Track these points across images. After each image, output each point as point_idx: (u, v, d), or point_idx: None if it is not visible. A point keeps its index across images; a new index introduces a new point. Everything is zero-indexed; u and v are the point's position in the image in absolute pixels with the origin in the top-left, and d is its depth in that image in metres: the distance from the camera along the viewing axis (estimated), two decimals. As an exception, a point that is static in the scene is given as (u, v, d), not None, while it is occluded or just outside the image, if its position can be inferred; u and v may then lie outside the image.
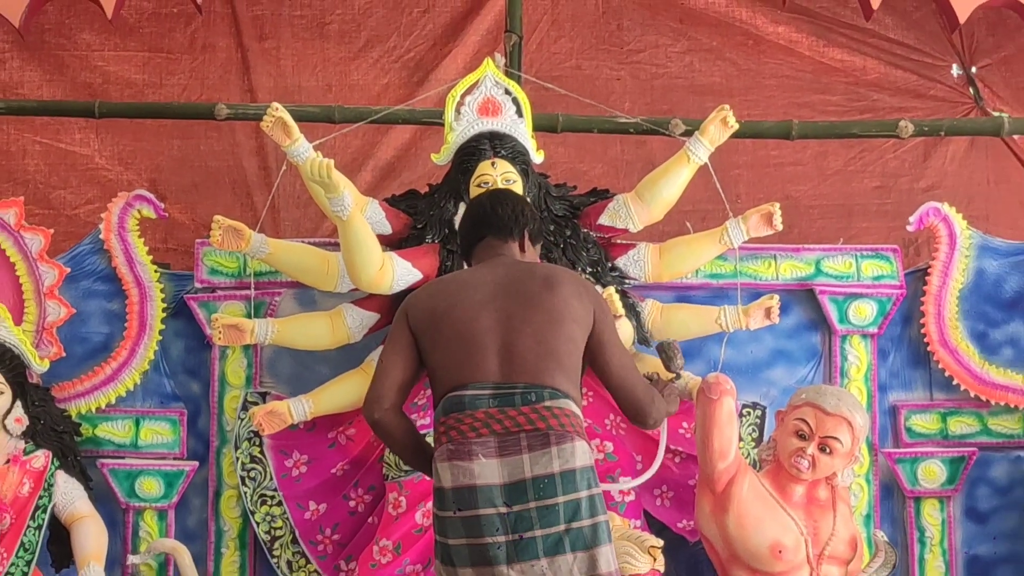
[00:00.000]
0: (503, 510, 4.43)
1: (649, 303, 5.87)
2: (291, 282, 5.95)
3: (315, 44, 6.84)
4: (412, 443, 4.74)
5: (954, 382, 6.07)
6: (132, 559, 5.81)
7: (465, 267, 5.08)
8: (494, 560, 4.41)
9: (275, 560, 5.81)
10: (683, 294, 6.02)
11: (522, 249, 4.85)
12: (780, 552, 5.33)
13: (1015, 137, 6.69)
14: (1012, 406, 6.06)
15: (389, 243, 5.76)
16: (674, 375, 5.20)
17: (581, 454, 4.47)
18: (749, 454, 5.70)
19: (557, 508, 4.43)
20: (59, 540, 5.70)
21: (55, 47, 6.77)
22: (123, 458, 5.93)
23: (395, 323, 4.74)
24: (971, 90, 6.89)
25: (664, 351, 5.23)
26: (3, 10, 6.35)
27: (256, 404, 5.82)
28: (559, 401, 4.49)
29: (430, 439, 4.94)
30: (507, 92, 5.80)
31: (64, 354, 5.96)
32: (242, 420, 5.86)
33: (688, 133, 5.93)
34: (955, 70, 6.90)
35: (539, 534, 4.42)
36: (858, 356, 6.07)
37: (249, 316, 5.88)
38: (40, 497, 5.60)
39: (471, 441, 4.46)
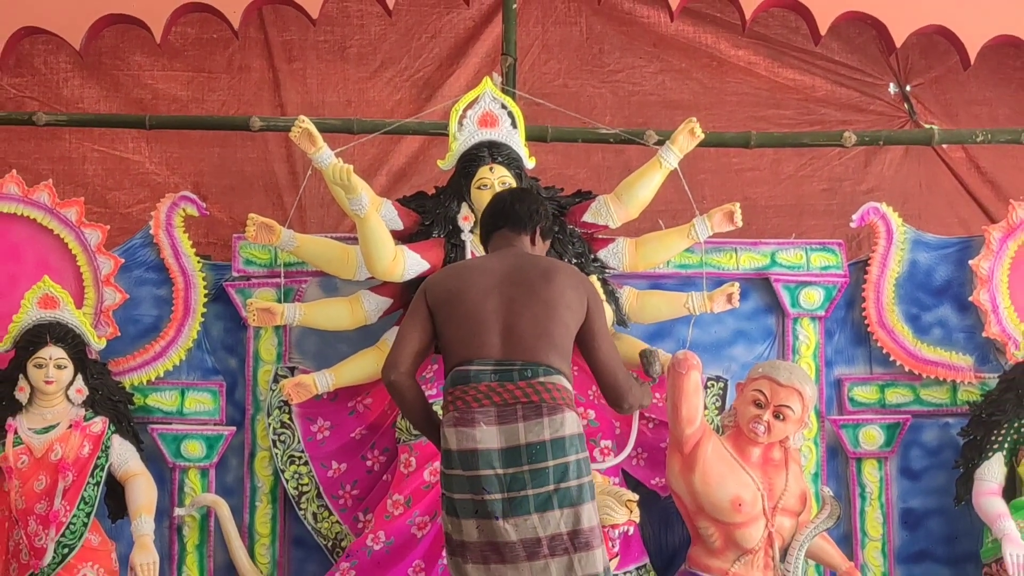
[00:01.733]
0: (500, 472, 4.45)
1: (626, 290, 5.88)
2: (316, 271, 5.93)
3: (337, 66, 6.82)
4: (420, 406, 4.73)
5: (891, 358, 6.07)
6: (178, 511, 5.85)
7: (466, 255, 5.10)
8: (492, 514, 4.43)
9: (302, 512, 5.79)
10: (656, 282, 6.00)
11: (532, 243, 4.86)
12: (740, 505, 5.33)
13: (944, 147, 6.71)
14: (941, 379, 6.06)
15: (401, 237, 5.75)
16: (651, 379, 5.22)
17: (570, 423, 4.49)
18: (713, 420, 5.69)
19: (547, 471, 4.44)
20: (115, 495, 5.68)
21: (111, 68, 6.76)
22: (170, 424, 5.92)
23: (415, 299, 4.74)
24: (906, 106, 6.88)
25: (645, 358, 5.25)
26: (66, 36, 6.34)
27: (285, 377, 5.80)
28: (552, 377, 4.51)
29: (437, 408, 4.97)
30: (503, 107, 5.78)
31: (119, 334, 5.95)
32: (273, 391, 5.84)
33: (660, 142, 5.92)
34: (892, 88, 6.90)
35: (531, 493, 4.44)
36: (808, 336, 6.07)
37: (279, 301, 5.86)
38: (98, 457, 5.59)
39: (474, 410, 4.48)
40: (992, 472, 5.77)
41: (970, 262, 6.13)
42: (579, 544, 4.45)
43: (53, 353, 5.61)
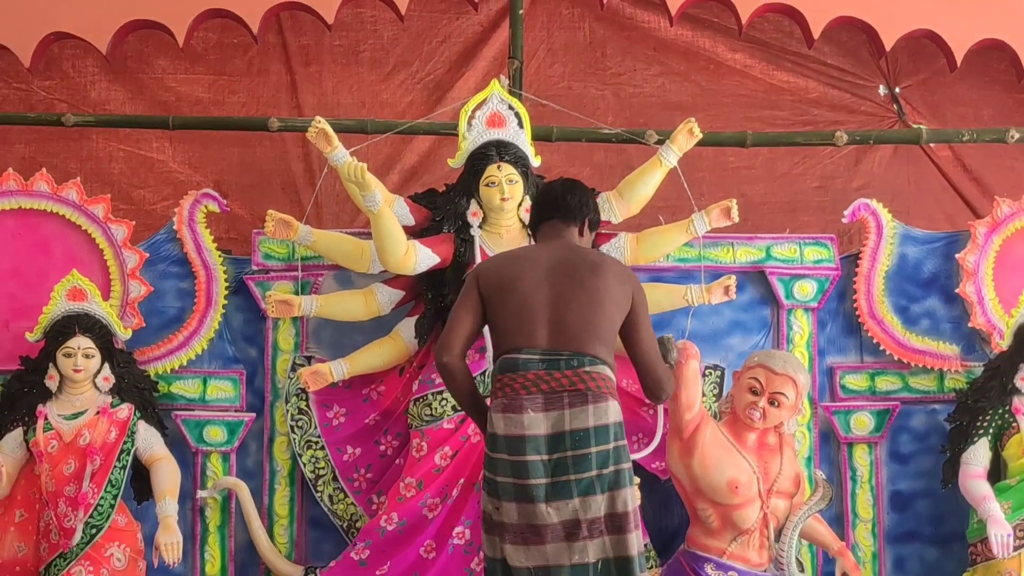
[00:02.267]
0: (545, 457, 4.45)
1: None
2: (332, 265, 5.94)
3: (351, 69, 6.81)
4: (469, 388, 4.73)
5: (880, 348, 6.06)
6: (201, 494, 5.86)
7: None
8: (535, 498, 4.43)
9: (319, 495, 5.80)
10: (656, 275, 5.98)
11: (580, 234, 4.85)
12: (736, 487, 5.32)
13: (931, 145, 6.69)
14: (929, 367, 6.05)
15: (412, 233, 5.74)
16: (668, 365, 5.22)
17: (613, 412, 4.50)
18: (711, 407, 5.68)
19: (590, 457, 4.44)
20: (140, 478, 5.69)
21: (136, 71, 6.75)
22: (193, 410, 5.92)
23: (467, 285, 4.75)
24: (895, 106, 6.86)
25: (663, 345, 5.24)
26: (94, 41, 6.34)
27: (303, 366, 5.82)
28: (597, 367, 4.51)
29: (436, 399, 5.13)
30: (510, 108, 5.79)
31: (144, 324, 5.95)
32: (291, 379, 5.85)
33: (660, 142, 5.93)
34: (882, 89, 6.88)
35: (573, 478, 4.44)
36: (801, 326, 6.06)
37: (297, 293, 5.87)
38: (124, 442, 5.60)
39: (522, 397, 4.48)
40: (977, 456, 5.77)
41: (957, 256, 6.12)
42: (616, 527, 4.46)
43: (81, 343, 5.62)
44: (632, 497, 4.51)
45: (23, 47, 6.34)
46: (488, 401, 4.64)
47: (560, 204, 4.85)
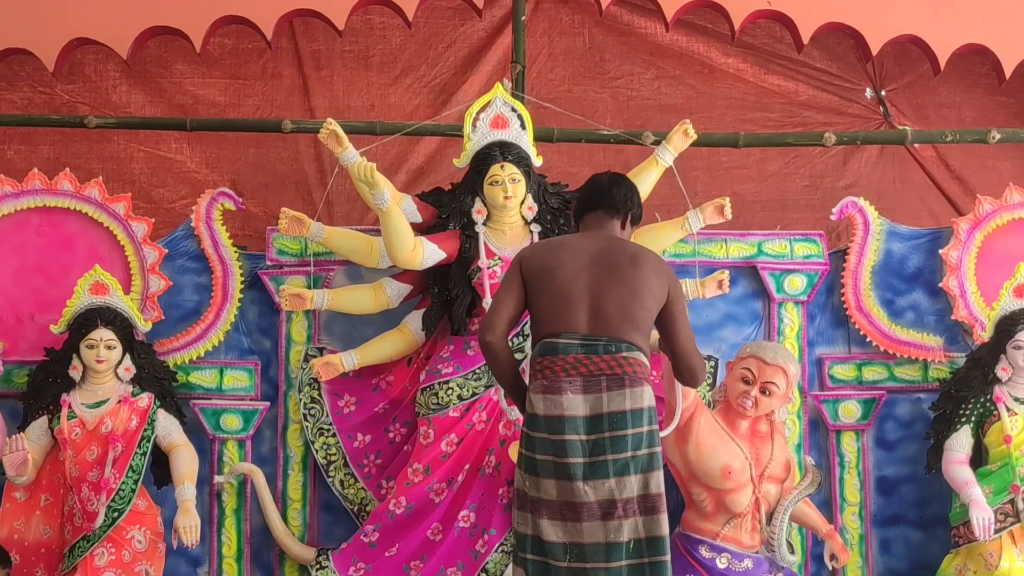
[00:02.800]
0: (584, 438, 4.46)
1: None
2: (342, 260, 5.93)
3: (361, 73, 6.80)
4: (511, 368, 4.74)
5: (867, 339, 6.07)
6: (218, 479, 5.86)
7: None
8: (573, 477, 4.44)
9: (330, 480, 5.79)
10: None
11: (622, 227, 4.87)
12: (729, 473, 5.35)
13: (916, 146, 6.70)
14: (913, 358, 6.05)
15: (420, 229, 5.74)
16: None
17: (648, 397, 4.52)
18: (705, 396, 5.67)
19: (626, 438, 4.45)
20: (160, 464, 5.69)
21: (155, 75, 6.74)
22: (210, 399, 5.92)
23: (511, 270, 4.75)
24: (881, 108, 6.86)
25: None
26: (114, 46, 6.36)
27: (315, 357, 5.81)
28: (634, 353, 4.53)
29: (442, 388, 5.11)
30: (513, 110, 5.78)
31: (163, 317, 5.95)
32: (304, 369, 5.85)
33: (656, 142, 5.94)
34: (868, 93, 6.88)
35: (611, 459, 4.45)
36: (791, 319, 6.06)
37: (309, 287, 5.86)
38: (145, 430, 5.59)
39: (561, 380, 4.49)
40: (960, 443, 5.77)
41: (940, 251, 6.13)
42: (648, 508, 4.47)
43: (103, 335, 5.62)
44: (661, 479, 4.52)
45: (47, 52, 6.35)
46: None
47: (606, 197, 4.86)
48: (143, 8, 6.37)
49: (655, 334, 5.17)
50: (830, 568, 5.83)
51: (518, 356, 5.50)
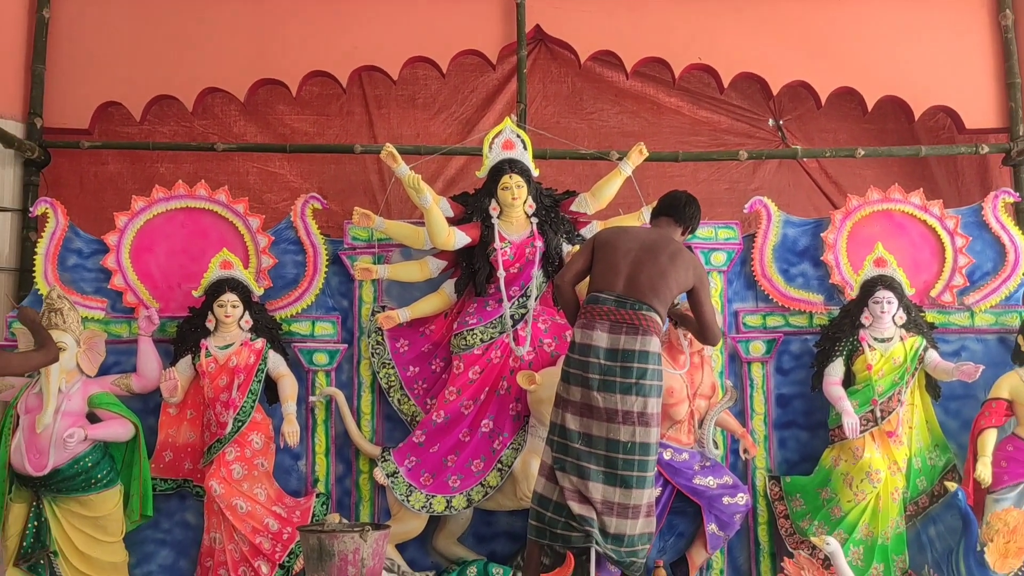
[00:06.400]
0: (601, 362, 4.55)
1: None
2: (398, 244, 5.92)
3: (409, 111, 6.77)
4: (574, 304, 4.86)
5: (770, 297, 6.06)
6: (311, 398, 5.87)
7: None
8: (591, 387, 4.55)
9: (391, 399, 5.80)
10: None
11: (682, 234, 4.97)
12: (672, 392, 5.36)
13: (804, 160, 6.68)
14: (802, 310, 6.04)
15: (452, 222, 5.73)
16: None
17: (654, 344, 4.59)
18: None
19: (632, 369, 4.54)
20: (270, 388, 5.72)
21: (264, 112, 6.73)
22: (305, 342, 5.91)
23: (587, 243, 4.91)
24: (779, 133, 6.84)
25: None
26: (235, 93, 6.38)
27: (379, 312, 5.81)
28: (651, 313, 4.61)
29: (469, 334, 5.23)
30: (518, 136, 5.77)
31: (271, 285, 5.96)
32: (371, 321, 5.85)
33: (619, 158, 5.92)
34: (771, 122, 6.85)
35: (618, 380, 4.53)
36: (716, 283, 6.02)
37: (375, 263, 5.87)
38: (259, 364, 5.63)
39: (596, 321, 4.60)
40: (835, 370, 5.79)
41: (822, 235, 6.12)
42: (642, 421, 4.54)
43: (229, 298, 5.65)
44: (658, 406, 4.57)
45: (187, 98, 6.39)
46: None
47: (678, 208, 4.95)
48: (254, 65, 6.37)
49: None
50: (743, 459, 5.86)
51: (521, 311, 5.59)
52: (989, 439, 5.53)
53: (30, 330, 5.17)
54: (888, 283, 5.77)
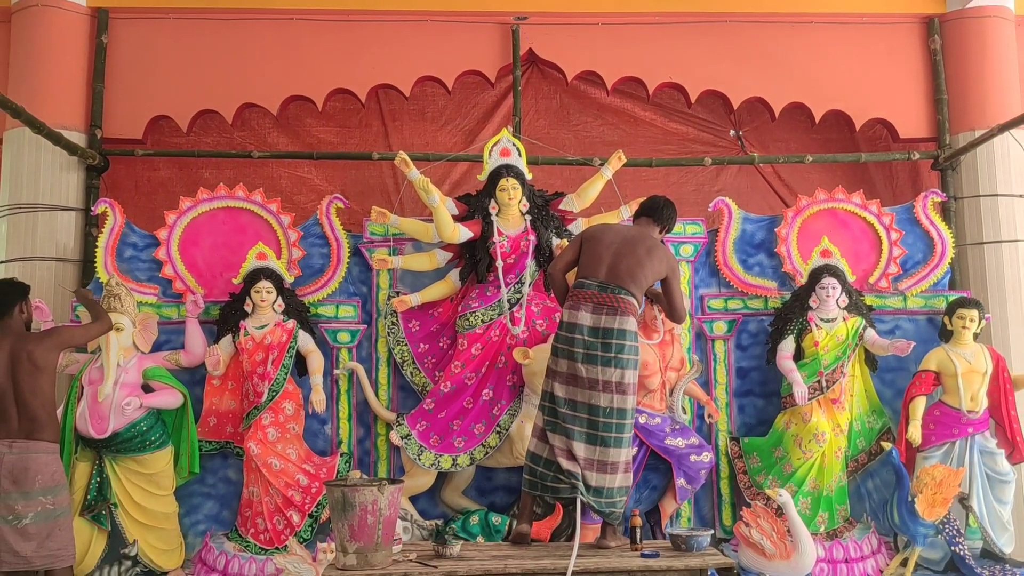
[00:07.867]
0: (585, 338, 4.55)
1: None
2: (410, 239, 5.93)
3: (420, 123, 6.77)
4: (564, 290, 4.84)
5: (731, 284, 6.07)
6: (336, 371, 5.87)
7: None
8: (576, 359, 4.54)
9: (404, 372, 5.80)
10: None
11: (659, 232, 4.94)
12: (646, 365, 5.38)
13: (761, 165, 6.71)
14: (759, 295, 6.05)
15: (457, 219, 5.75)
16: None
17: (631, 324, 4.59)
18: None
19: (611, 344, 4.54)
20: (300, 362, 5.72)
21: (294, 125, 6.73)
22: (330, 323, 5.91)
23: (575, 239, 4.87)
24: (740, 142, 6.86)
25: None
26: (269, 107, 6.36)
27: (394, 297, 5.81)
28: (629, 297, 4.61)
29: (472, 315, 5.15)
30: (514, 145, 5.78)
31: (301, 274, 5.96)
32: (388, 305, 5.85)
33: (601, 164, 5.95)
34: (732, 132, 6.87)
35: (599, 354, 4.54)
36: (684, 272, 6.03)
37: (390, 255, 5.88)
38: (291, 342, 5.63)
39: (581, 303, 4.60)
40: (787, 346, 5.81)
41: (776, 229, 6.13)
42: (620, 389, 4.54)
43: (265, 285, 5.67)
44: (634, 377, 4.58)
45: (228, 112, 6.38)
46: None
47: (657, 210, 4.92)
48: (285, 83, 6.36)
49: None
50: (708, 423, 5.89)
51: (516, 296, 5.62)
52: (919, 405, 5.59)
53: (86, 306, 5.24)
54: (833, 271, 5.80)
